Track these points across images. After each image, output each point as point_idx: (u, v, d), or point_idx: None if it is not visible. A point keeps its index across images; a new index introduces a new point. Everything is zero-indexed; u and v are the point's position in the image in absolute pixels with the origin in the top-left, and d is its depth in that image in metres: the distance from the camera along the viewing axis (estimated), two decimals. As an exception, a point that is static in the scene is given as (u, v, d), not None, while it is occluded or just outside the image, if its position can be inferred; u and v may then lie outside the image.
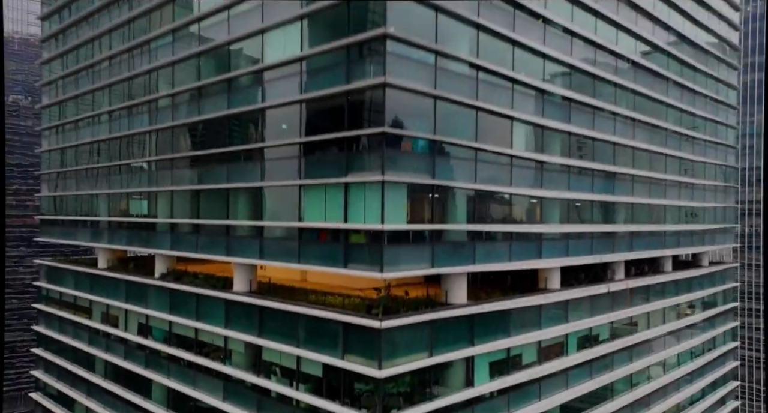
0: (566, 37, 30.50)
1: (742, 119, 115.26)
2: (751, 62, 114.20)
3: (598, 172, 33.25)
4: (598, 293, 33.24)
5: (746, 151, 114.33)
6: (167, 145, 33.06)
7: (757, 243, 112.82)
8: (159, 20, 33.20)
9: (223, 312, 28.69)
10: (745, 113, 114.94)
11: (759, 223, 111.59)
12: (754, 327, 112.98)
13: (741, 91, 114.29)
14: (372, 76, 21.61)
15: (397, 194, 22.07)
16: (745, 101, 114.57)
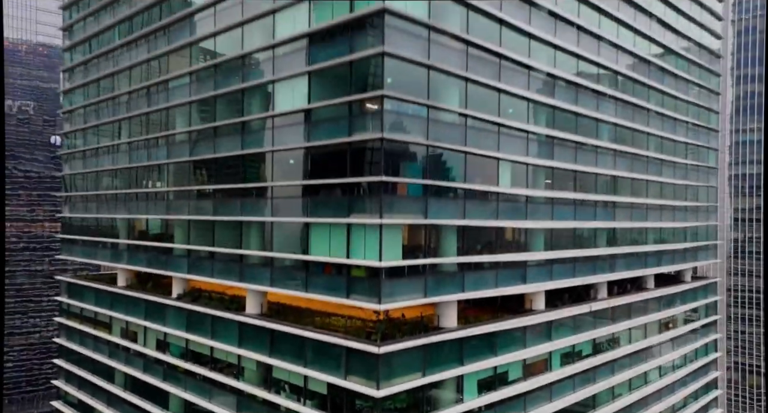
0: (549, 81, 33.39)
1: (737, 128, 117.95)
2: (744, 74, 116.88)
3: (579, 201, 36.10)
4: (580, 313, 36.09)
5: (741, 160, 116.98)
6: (184, 176, 36.04)
7: (750, 249, 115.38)
8: (178, 62, 36.18)
9: (236, 332, 31.61)
10: (739, 122, 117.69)
11: (754, 231, 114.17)
12: (747, 333, 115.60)
13: (736, 101, 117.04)
14: (371, 130, 24.52)
15: (393, 234, 24.98)
16: (740, 112, 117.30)
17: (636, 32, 40.61)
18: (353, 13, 25.02)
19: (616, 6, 38.36)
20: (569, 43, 34.34)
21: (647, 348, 43.12)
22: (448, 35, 27.00)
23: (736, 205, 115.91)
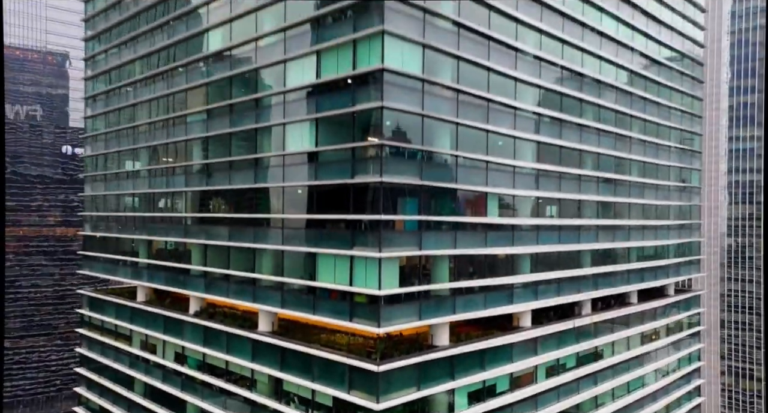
0: (534, 118, 36.62)
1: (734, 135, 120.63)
2: (738, 85, 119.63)
3: (564, 226, 39.28)
4: (565, 329, 39.28)
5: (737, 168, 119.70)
6: (201, 203, 39.36)
7: (744, 256, 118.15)
8: (195, 97, 39.52)
9: (249, 347, 34.91)
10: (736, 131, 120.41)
11: (747, 239, 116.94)
12: (741, 338, 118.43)
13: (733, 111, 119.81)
14: (371, 173, 27.78)
15: (391, 265, 28.23)
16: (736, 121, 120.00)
17: (618, 66, 43.80)
18: (356, 70, 28.29)
19: (598, 44, 41.53)
20: (552, 82, 37.54)
21: (630, 359, 46.22)
22: (441, 86, 30.26)
23: (731, 213, 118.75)
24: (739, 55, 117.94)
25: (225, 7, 36.61)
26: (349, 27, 28.71)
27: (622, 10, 43.75)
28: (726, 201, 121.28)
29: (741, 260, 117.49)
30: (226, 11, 36.51)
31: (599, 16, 41.62)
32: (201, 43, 38.57)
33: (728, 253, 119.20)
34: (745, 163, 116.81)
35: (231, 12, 36.09)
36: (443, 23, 30.54)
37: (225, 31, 36.71)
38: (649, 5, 46.92)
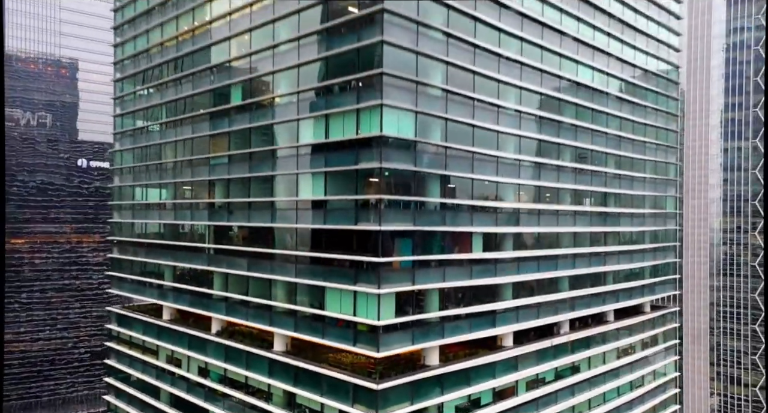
0: (515, 164, 41.79)
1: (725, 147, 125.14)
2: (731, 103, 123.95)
3: (542, 257, 44.41)
4: (543, 347, 44.43)
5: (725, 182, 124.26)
6: (223, 236, 44.68)
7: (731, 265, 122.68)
8: (219, 143, 44.82)
9: (266, 365, 40.18)
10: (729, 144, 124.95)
11: (734, 250, 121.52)
12: (730, 346, 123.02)
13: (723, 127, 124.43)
14: (372, 222, 33.03)
15: (388, 299, 33.45)
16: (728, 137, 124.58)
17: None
18: (358, 135, 33.55)
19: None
20: (534, 131, 42.78)
21: (606, 372, 51.29)
22: (431, 145, 35.50)
23: (725, 225, 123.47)
24: (730, 73, 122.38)
25: (247, 67, 41.92)
26: (353, 98, 33.98)
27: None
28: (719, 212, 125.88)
29: (729, 269, 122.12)
30: (248, 71, 41.84)
31: (575, 67, 46.78)
32: (228, 95, 43.84)
33: (717, 263, 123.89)
34: (734, 176, 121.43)
35: (250, 72, 41.42)
36: (433, 91, 35.79)
37: (247, 87, 42.03)
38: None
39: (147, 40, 52.25)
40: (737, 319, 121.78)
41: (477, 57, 38.02)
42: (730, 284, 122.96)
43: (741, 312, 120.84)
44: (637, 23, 53.55)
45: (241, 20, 42.12)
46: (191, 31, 46.75)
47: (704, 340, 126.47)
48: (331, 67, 35.91)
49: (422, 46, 34.31)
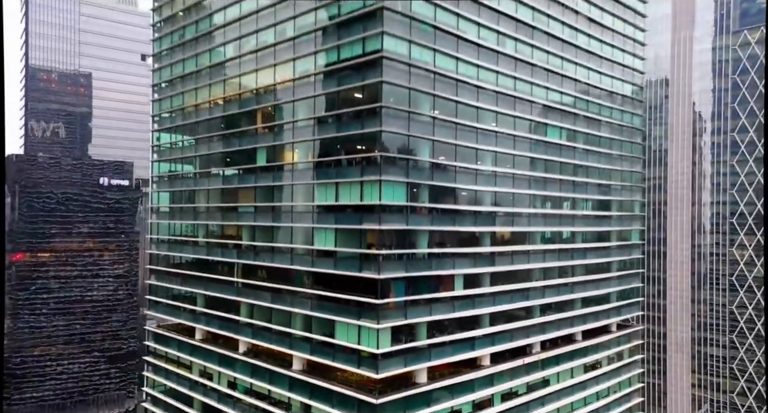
0: (491, 215, 50.63)
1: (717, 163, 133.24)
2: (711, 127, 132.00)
3: (515, 290, 53.20)
4: (517, 365, 53.23)
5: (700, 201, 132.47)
6: (250, 272, 53.65)
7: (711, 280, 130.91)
8: (246, 194, 53.86)
9: (287, 381, 49.12)
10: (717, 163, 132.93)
11: (713, 266, 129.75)
12: (710, 355, 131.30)
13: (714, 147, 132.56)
14: (372, 271, 41.93)
15: (385, 331, 42.36)
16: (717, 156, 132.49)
17: (561, 163, 57.71)
18: (362, 202, 42.50)
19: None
20: (508, 187, 51.65)
21: (573, 385, 60.02)
22: (420, 208, 44.44)
23: (698, 241, 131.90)
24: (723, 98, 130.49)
25: (271, 136, 50.98)
26: (358, 172, 42.90)
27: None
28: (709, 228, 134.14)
29: (710, 283, 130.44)
30: (270, 138, 50.90)
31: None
32: (254, 155, 52.82)
33: (697, 277, 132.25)
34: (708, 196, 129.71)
35: (274, 140, 50.47)
36: (422, 163, 44.72)
37: (270, 151, 51.06)
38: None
39: (183, 100, 61.33)
40: (717, 329, 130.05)
41: (459, 132, 46.93)
42: (711, 297, 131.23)
43: (720, 323, 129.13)
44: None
45: (268, 96, 51.19)
46: (223, 99, 55.85)
47: (686, 349, 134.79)
48: (341, 143, 44.92)
49: (413, 130, 43.25)
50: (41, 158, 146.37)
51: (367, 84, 42.06)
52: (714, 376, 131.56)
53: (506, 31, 50.68)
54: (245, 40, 53.31)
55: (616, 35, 64.61)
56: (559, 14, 56.42)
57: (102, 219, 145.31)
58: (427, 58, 44.20)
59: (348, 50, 43.75)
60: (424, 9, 43.90)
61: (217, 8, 56.10)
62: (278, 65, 49.61)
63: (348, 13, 43.45)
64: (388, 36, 40.95)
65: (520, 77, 52.35)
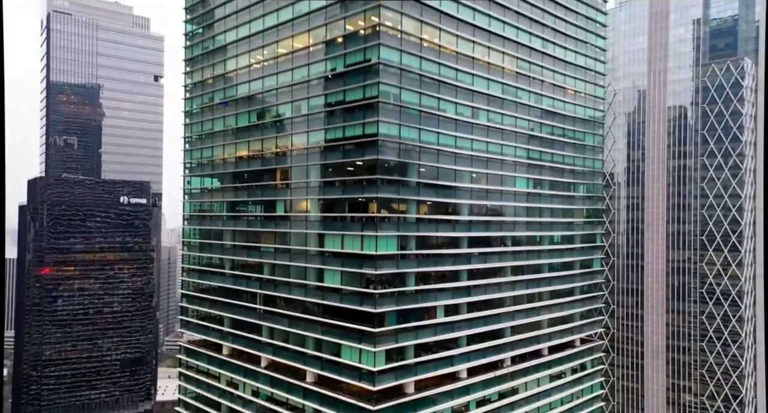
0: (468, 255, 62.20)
1: (674, 191, 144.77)
2: (680, 151, 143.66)
3: (489, 315, 64.74)
4: (489, 377, 64.82)
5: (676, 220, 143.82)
6: (270, 301, 65.28)
7: (682, 292, 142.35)
8: (268, 236, 65.50)
9: (301, 391, 60.72)
10: (675, 190, 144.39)
11: (684, 278, 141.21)
12: (682, 361, 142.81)
13: (672, 172, 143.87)
14: (370, 305, 53.53)
15: (381, 353, 53.94)
16: (677, 181, 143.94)
17: (516, 205, 69.27)
18: (362, 251, 54.08)
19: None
20: (482, 231, 63.26)
21: (540, 392, 71.57)
22: (410, 255, 56.04)
23: (672, 256, 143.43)
24: (680, 125, 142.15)
25: (286, 190, 62.67)
26: (359, 227, 54.47)
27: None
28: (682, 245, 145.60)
29: (681, 295, 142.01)
30: (287, 193, 62.57)
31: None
32: (275, 206, 64.46)
33: (672, 289, 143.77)
34: (683, 215, 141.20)
35: (290, 195, 62.14)
36: (410, 217, 56.34)
37: (288, 203, 62.69)
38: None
39: (212, 152, 73.03)
40: (689, 338, 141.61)
41: (439, 192, 58.53)
42: (683, 308, 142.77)
43: (691, 332, 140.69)
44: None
45: (285, 158, 62.89)
46: (247, 156, 67.55)
47: (662, 355, 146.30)
48: (345, 201, 56.58)
49: (403, 193, 54.88)
50: (66, 177, 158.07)
51: (365, 160, 53.72)
52: (686, 380, 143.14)
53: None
54: (267, 109, 65.03)
55: (577, 95, 76.20)
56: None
57: (121, 235, 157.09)
58: (413, 135, 55.85)
59: (350, 130, 55.41)
60: (410, 97, 55.56)
61: (241, 81, 67.76)
62: (294, 135, 61.34)
63: (350, 101, 55.08)
64: (383, 123, 52.57)
65: (492, 141, 63.99)
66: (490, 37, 63.32)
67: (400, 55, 54.10)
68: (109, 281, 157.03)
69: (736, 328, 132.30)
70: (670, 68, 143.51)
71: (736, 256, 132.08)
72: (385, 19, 53.03)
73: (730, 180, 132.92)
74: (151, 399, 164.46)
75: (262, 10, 64.25)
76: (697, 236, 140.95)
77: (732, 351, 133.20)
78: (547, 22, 70.34)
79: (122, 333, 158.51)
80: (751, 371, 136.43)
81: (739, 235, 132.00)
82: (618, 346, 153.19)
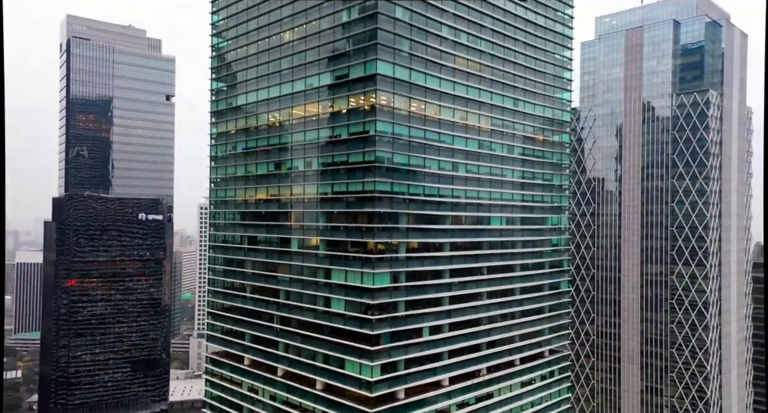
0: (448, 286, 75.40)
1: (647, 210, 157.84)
2: (653, 174, 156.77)
3: (467, 333, 77.84)
4: (468, 384, 78.01)
5: (649, 236, 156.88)
6: (286, 321, 78.49)
7: (656, 303, 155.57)
8: (283, 269, 78.77)
9: (312, 397, 73.94)
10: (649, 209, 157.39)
11: (658, 291, 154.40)
12: (656, 366, 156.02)
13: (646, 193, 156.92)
14: (369, 329, 66.74)
15: (377, 367, 67.16)
16: (650, 201, 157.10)
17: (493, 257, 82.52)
18: (362, 284, 67.30)
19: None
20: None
21: (512, 396, 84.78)
22: (401, 288, 69.37)
23: (646, 270, 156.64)
24: (653, 149, 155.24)
25: (300, 230, 75.87)
26: (359, 264, 67.61)
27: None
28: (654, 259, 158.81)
29: (654, 305, 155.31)
30: (300, 232, 75.79)
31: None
32: (288, 241, 77.67)
33: (645, 300, 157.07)
34: (655, 232, 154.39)
35: (302, 235, 75.35)
36: (401, 255, 69.52)
37: (301, 241, 75.87)
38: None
39: (235, 193, 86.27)
40: (660, 344, 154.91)
41: (426, 234, 71.68)
42: (655, 317, 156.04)
43: (663, 339, 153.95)
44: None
45: (298, 204, 76.14)
46: (266, 198, 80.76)
47: (636, 360, 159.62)
48: (349, 244, 69.75)
49: (395, 237, 68.11)
50: (89, 195, 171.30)
51: (365, 210, 66.96)
52: (658, 383, 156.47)
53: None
54: (283, 162, 78.25)
55: (545, 142, 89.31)
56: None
57: (138, 248, 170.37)
58: (403, 189, 69.07)
59: (352, 185, 68.59)
60: (401, 158, 68.73)
61: (261, 136, 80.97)
62: (306, 185, 74.59)
63: (352, 163, 68.25)
64: (378, 181, 65.72)
65: (470, 188, 77.19)
66: (467, 102, 76.50)
67: (392, 126, 67.30)
68: (128, 291, 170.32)
69: (702, 336, 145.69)
70: (644, 97, 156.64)
71: (702, 270, 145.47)
72: (381, 97, 66.19)
73: (697, 201, 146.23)
74: (166, 398, 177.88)
75: (279, 79, 77.46)
76: (668, 251, 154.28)
77: (699, 357, 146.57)
78: (518, 85, 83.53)
79: (138, 337, 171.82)
80: (717, 374, 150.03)
81: (704, 251, 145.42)
82: (598, 351, 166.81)
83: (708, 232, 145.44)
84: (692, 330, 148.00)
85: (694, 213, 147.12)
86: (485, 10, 77.83)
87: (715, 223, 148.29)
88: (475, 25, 76.87)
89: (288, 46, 76.29)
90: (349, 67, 68.13)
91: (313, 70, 72.82)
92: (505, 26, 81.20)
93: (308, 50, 72.95)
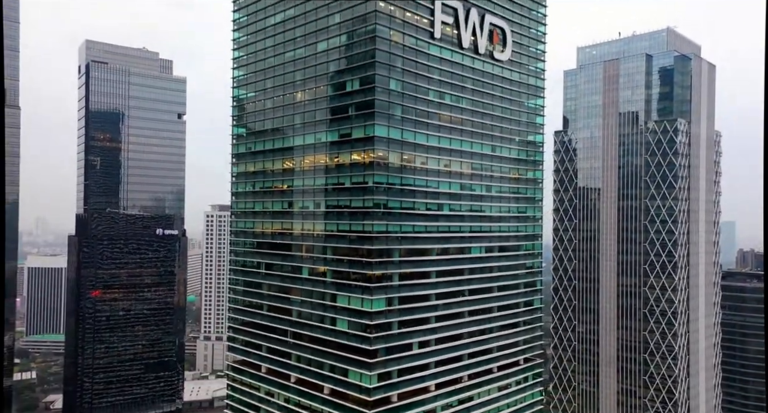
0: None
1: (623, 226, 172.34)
2: (628, 194, 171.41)
3: (450, 346, 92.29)
4: (451, 389, 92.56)
5: (625, 252, 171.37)
6: (297, 335, 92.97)
7: (630, 313, 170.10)
8: (299, 291, 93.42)
9: (321, 400, 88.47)
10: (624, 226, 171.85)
11: (632, 301, 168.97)
12: (634, 371, 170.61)
13: (621, 211, 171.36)
14: (367, 344, 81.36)
15: (375, 376, 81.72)
16: (625, 218, 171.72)
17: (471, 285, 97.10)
18: (362, 308, 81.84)
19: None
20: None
21: (490, 399, 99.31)
22: (394, 309, 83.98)
23: (622, 281, 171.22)
24: (629, 172, 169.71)
25: (310, 260, 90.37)
26: (360, 291, 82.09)
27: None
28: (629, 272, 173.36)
29: (629, 314, 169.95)
30: (310, 261, 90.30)
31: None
32: (300, 269, 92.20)
33: (621, 309, 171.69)
34: (630, 247, 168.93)
35: (312, 264, 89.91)
36: (394, 284, 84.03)
37: (311, 269, 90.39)
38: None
39: (253, 225, 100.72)
40: (634, 349, 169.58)
41: (416, 266, 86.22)
42: (630, 325, 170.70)
43: (636, 345, 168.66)
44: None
45: (308, 237, 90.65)
46: (281, 232, 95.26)
47: (613, 363, 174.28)
48: (351, 274, 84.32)
49: (389, 268, 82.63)
50: (110, 212, 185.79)
51: (364, 247, 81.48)
52: (633, 385, 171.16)
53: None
54: (295, 201, 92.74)
55: (520, 180, 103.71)
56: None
57: (155, 260, 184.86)
58: (396, 229, 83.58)
59: (354, 226, 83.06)
60: (394, 203, 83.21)
61: (276, 178, 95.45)
62: (315, 223, 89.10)
63: (354, 206, 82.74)
64: (376, 223, 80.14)
65: (453, 224, 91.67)
66: (451, 152, 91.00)
67: (387, 177, 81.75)
68: (145, 300, 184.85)
69: (671, 342, 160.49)
70: (620, 123, 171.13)
71: (671, 282, 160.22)
72: (378, 153, 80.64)
73: (667, 220, 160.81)
74: (181, 398, 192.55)
75: (293, 132, 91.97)
76: (642, 265, 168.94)
77: (668, 362, 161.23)
78: (495, 133, 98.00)
79: (155, 341, 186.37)
80: (685, 377, 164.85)
81: (674, 265, 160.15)
82: (578, 356, 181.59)
83: (677, 248, 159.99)
84: (662, 337, 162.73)
85: (664, 230, 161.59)
86: (466, 74, 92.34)
87: (683, 239, 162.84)
88: (457, 87, 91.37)
89: (300, 104, 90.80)
90: (352, 128, 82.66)
91: (321, 127, 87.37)
92: (484, 85, 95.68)
93: (318, 110, 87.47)
